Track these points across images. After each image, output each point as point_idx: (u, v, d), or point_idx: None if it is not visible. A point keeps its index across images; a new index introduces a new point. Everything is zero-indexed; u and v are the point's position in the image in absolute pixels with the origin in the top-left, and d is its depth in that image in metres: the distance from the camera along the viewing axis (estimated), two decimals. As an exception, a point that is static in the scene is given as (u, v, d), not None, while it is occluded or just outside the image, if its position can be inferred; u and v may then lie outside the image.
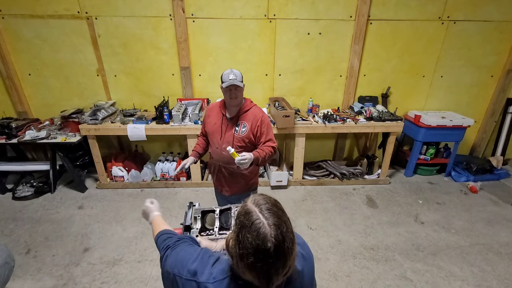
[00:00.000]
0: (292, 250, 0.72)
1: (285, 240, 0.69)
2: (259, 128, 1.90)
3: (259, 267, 0.69)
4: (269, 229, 0.68)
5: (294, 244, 0.73)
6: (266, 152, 1.87)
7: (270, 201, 0.76)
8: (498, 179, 3.78)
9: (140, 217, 2.94)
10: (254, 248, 0.68)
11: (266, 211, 0.72)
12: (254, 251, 0.68)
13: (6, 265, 1.47)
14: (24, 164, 3.45)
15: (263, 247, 0.67)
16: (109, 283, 2.18)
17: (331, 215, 3.01)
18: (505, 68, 3.63)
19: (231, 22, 3.26)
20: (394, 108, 3.63)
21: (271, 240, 0.67)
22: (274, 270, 0.69)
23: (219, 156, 1.96)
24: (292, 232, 0.73)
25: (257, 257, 0.68)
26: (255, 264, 0.68)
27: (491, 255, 2.51)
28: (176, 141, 3.90)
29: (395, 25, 3.37)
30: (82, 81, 3.47)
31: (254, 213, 0.72)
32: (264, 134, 1.91)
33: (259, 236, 0.68)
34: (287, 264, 0.71)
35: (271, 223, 0.69)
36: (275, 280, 0.71)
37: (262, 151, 1.88)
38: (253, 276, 0.71)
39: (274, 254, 0.68)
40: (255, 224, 0.69)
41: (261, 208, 0.73)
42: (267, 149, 1.89)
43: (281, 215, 0.73)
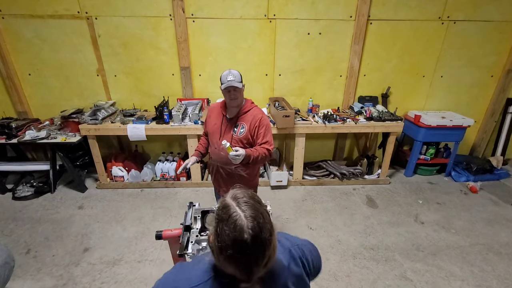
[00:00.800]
0: (270, 241, 0.73)
1: (262, 230, 0.71)
2: (257, 129, 1.89)
3: (238, 259, 0.70)
4: (245, 221, 0.70)
5: (272, 235, 0.74)
6: (259, 153, 1.84)
7: (247, 194, 0.78)
8: (498, 179, 3.78)
9: (140, 217, 2.96)
10: (232, 240, 0.69)
11: (243, 204, 0.74)
12: (232, 243, 0.69)
13: (6, 265, 1.47)
14: (24, 164, 3.45)
15: (240, 239, 0.69)
16: (109, 283, 2.18)
17: (331, 215, 3.01)
18: (505, 68, 3.63)
19: (231, 22, 3.26)
20: (394, 108, 3.63)
21: (248, 231, 0.69)
22: (254, 261, 0.71)
23: (217, 157, 1.96)
24: (269, 223, 0.74)
25: (235, 248, 0.69)
26: (234, 255, 0.70)
27: (491, 255, 2.51)
28: (176, 141, 3.90)
29: (395, 25, 3.37)
30: (82, 81, 3.47)
31: (231, 207, 0.73)
32: (261, 136, 1.89)
33: (236, 228, 0.69)
34: (265, 254, 0.72)
35: (247, 215, 0.71)
36: (256, 271, 0.72)
37: (256, 150, 1.85)
38: (234, 269, 0.72)
39: (252, 245, 0.69)
40: (232, 217, 0.71)
41: (238, 201, 0.75)
42: (261, 150, 1.86)
43: (258, 207, 0.75)
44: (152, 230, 2.72)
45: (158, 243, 2.52)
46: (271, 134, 1.94)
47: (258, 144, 1.90)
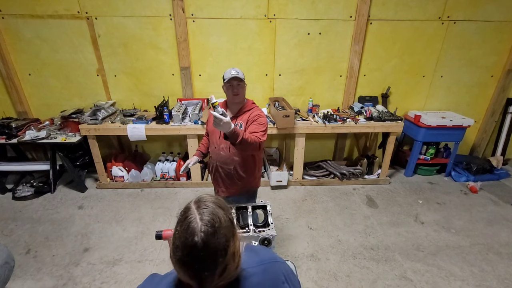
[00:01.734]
0: (226, 247, 0.69)
1: (215, 234, 0.68)
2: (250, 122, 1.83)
3: (188, 263, 0.68)
4: (200, 223, 0.68)
5: (230, 241, 0.71)
6: (248, 136, 1.69)
7: (212, 199, 0.76)
8: (498, 179, 3.78)
9: (140, 217, 2.96)
10: (182, 242, 0.68)
11: (203, 207, 0.72)
12: (182, 245, 0.67)
13: (6, 265, 1.47)
14: (24, 164, 3.45)
15: (191, 240, 0.67)
16: (109, 283, 2.18)
17: (331, 215, 3.01)
18: (505, 68, 3.63)
19: (231, 22, 3.26)
20: (394, 108, 3.63)
21: (200, 234, 0.67)
22: (204, 266, 0.68)
23: (217, 156, 1.95)
24: (228, 229, 0.71)
25: (184, 251, 0.67)
26: (183, 259, 0.68)
27: (491, 255, 2.51)
28: (176, 141, 3.90)
29: (395, 25, 3.37)
30: (82, 81, 3.47)
31: (191, 209, 0.72)
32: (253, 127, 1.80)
33: (188, 230, 0.68)
34: (218, 261, 0.68)
35: (204, 218, 0.69)
36: (208, 279, 0.68)
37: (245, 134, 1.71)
38: (185, 274, 0.69)
39: (202, 249, 0.66)
40: (187, 219, 0.69)
41: (199, 205, 0.73)
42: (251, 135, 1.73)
43: (218, 212, 0.72)
44: (152, 230, 2.72)
45: (158, 243, 2.52)
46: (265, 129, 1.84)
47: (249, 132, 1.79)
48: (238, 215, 1.71)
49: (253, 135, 1.75)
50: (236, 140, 1.64)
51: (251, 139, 1.70)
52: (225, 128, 1.58)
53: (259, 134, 1.78)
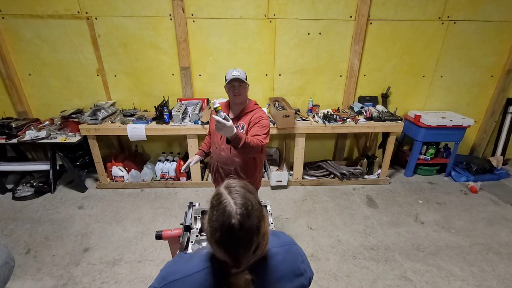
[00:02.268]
0: (259, 227, 0.76)
1: (249, 217, 0.75)
2: (252, 125, 1.84)
3: (226, 242, 0.75)
4: (234, 207, 0.75)
5: (261, 222, 0.78)
6: (251, 140, 1.72)
7: (240, 184, 0.82)
8: (498, 179, 3.78)
9: (140, 217, 2.96)
10: (220, 224, 0.74)
11: (234, 192, 0.78)
12: (220, 227, 0.74)
13: (6, 265, 1.47)
14: (24, 164, 3.45)
15: (228, 223, 0.73)
16: (109, 283, 2.18)
17: (331, 215, 3.01)
18: (505, 68, 3.63)
19: (231, 22, 3.26)
20: (394, 108, 3.63)
21: (236, 216, 0.73)
22: (241, 245, 0.74)
23: (218, 156, 1.95)
24: (258, 211, 0.78)
25: (223, 232, 0.74)
26: (222, 239, 0.74)
27: (491, 255, 2.51)
28: (176, 141, 3.90)
29: (395, 25, 3.37)
30: (82, 81, 3.47)
31: (223, 194, 0.78)
32: (256, 129, 1.81)
33: (224, 213, 0.74)
34: (253, 240, 0.75)
35: (237, 202, 0.76)
36: (244, 256, 0.75)
37: (246, 137, 1.73)
38: (223, 253, 0.76)
39: (239, 229, 0.73)
40: (222, 203, 0.76)
41: (230, 190, 0.80)
42: (253, 139, 1.75)
43: (248, 196, 0.79)
44: (152, 230, 2.72)
45: (158, 243, 2.52)
46: (268, 132, 1.86)
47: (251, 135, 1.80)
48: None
49: (255, 138, 1.77)
50: (238, 144, 1.66)
51: (253, 142, 1.72)
52: (227, 132, 1.61)
53: (261, 137, 1.80)
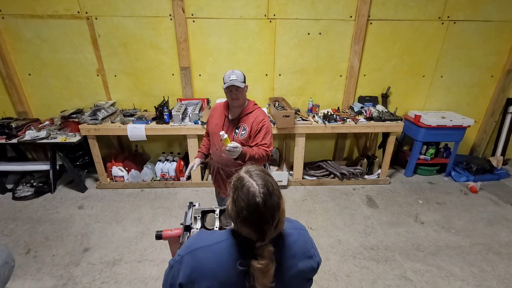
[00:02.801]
0: (279, 204, 0.85)
1: (271, 195, 0.83)
2: (255, 131, 1.87)
3: (253, 219, 0.82)
4: (257, 187, 0.83)
5: (281, 199, 0.86)
6: (256, 152, 1.81)
7: (258, 168, 0.91)
8: (498, 179, 3.78)
9: (140, 217, 2.96)
10: (246, 203, 0.82)
11: (254, 175, 0.87)
12: (246, 206, 0.82)
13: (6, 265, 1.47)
14: (24, 164, 3.45)
15: (254, 201, 0.81)
16: (109, 283, 2.18)
17: (331, 215, 3.01)
18: (505, 68, 3.63)
19: (231, 22, 3.26)
20: (394, 108, 3.63)
21: (260, 195, 0.82)
22: (265, 220, 0.82)
23: (218, 158, 1.95)
24: (277, 190, 0.87)
25: (249, 210, 0.81)
26: (248, 217, 0.82)
27: (491, 255, 2.51)
28: (176, 141, 3.90)
29: (395, 25, 3.37)
30: (82, 81, 3.47)
31: (245, 178, 0.86)
32: (261, 137, 1.87)
33: (249, 194, 0.82)
34: (275, 216, 0.83)
35: (259, 183, 0.84)
36: (268, 231, 0.83)
37: (252, 150, 1.82)
38: (249, 229, 0.84)
39: (263, 206, 0.81)
40: (246, 185, 0.84)
41: (250, 173, 0.88)
42: (259, 151, 1.83)
43: (268, 178, 0.87)
44: (152, 230, 2.72)
45: (158, 243, 2.52)
46: (271, 137, 1.92)
47: (256, 145, 1.87)
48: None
49: (260, 148, 1.84)
50: (244, 158, 1.77)
51: (258, 154, 1.81)
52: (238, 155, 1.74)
53: (266, 146, 1.87)
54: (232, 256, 0.87)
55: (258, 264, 0.81)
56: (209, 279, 0.86)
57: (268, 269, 0.81)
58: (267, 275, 0.82)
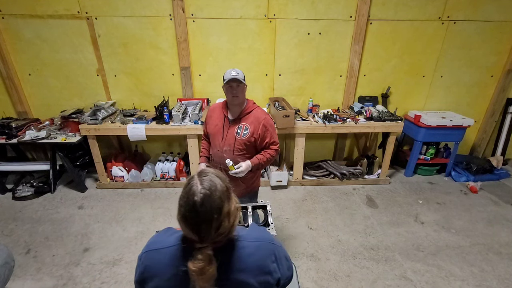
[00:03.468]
0: (221, 207, 0.84)
1: (212, 196, 0.83)
2: (262, 131, 1.87)
3: (189, 218, 0.83)
4: (199, 187, 0.84)
5: (224, 203, 0.86)
6: (267, 157, 1.89)
7: (211, 170, 0.92)
8: (498, 179, 3.78)
9: (140, 217, 2.96)
10: (185, 201, 0.84)
11: (203, 176, 0.88)
12: (185, 204, 0.84)
13: (6, 265, 1.47)
14: (24, 164, 3.45)
15: (192, 200, 0.83)
16: (109, 283, 2.18)
17: (331, 215, 3.01)
18: (505, 68, 3.63)
19: (231, 22, 3.26)
20: (394, 108, 3.63)
21: (199, 195, 0.83)
22: (202, 221, 0.82)
23: (220, 159, 1.93)
24: (224, 193, 0.86)
25: (186, 208, 0.83)
26: (186, 214, 0.83)
27: (491, 255, 2.51)
28: (176, 141, 3.90)
29: (395, 25, 3.37)
30: (82, 81, 3.47)
31: (194, 178, 0.88)
32: (268, 137, 1.91)
33: (189, 192, 0.84)
34: (213, 217, 0.83)
35: (203, 183, 0.85)
36: (206, 233, 0.83)
37: (263, 156, 1.89)
38: (187, 228, 0.85)
39: (200, 206, 0.82)
40: (190, 184, 0.86)
41: (200, 174, 0.89)
42: (269, 153, 1.91)
43: (216, 180, 0.88)
44: (152, 230, 2.72)
45: (158, 243, 2.51)
46: (276, 132, 1.97)
47: (267, 144, 1.92)
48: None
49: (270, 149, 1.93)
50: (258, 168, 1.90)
51: (267, 158, 1.90)
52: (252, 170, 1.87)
53: (274, 144, 1.94)
54: (179, 260, 0.88)
55: (193, 266, 0.81)
56: (157, 280, 0.91)
57: (203, 272, 0.81)
58: (203, 279, 0.81)
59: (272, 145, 1.93)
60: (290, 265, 1.07)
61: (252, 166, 1.84)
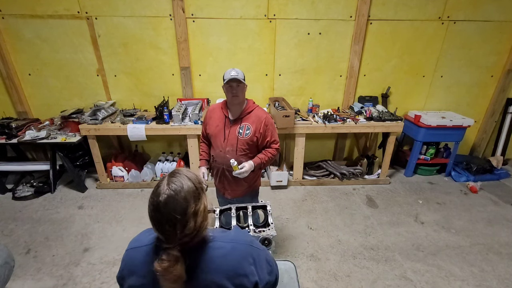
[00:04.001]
0: (185, 209, 0.83)
1: (176, 197, 0.83)
2: (263, 131, 1.89)
3: (154, 217, 0.84)
4: (166, 188, 0.84)
5: (190, 204, 0.84)
6: (268, 157, 1.91)
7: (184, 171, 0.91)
8: (498, 179, 3.78)
9: (140, 217, 2.96)
10: (151, 201, 0.85)
11: (172, 178, 0.87)
12: (150, 203, 0.85)
13: (6, 265, 1.47)
14: (24, 164, 3.45)
15: (156, 199, 0.83)
16: (109, 283, 2.18)
17: (331, 215, 3.01)
18: (505, 68, 3.63)
19: (231, 22, 3.26)
20: (394, 108, 3.63)
21: (163, 195, 0.83)
22: (165, 221, 0.82)
23: (222, 159, 1.93)
24: (189, 193, 0.85)
25: (151, 207, 0.84)
26: (151, 214, 0.85)
27: (491, 255, 2.51)
28: (176, 141, 3.90)
29: (395, 25, 3.37)
30: (82, 81, 3.47)
31: (164, 179, 0.88)
32: (269, 135, 1.92)
33: (155, 192, 0.85)
34: (177, 218, 0.82)
35: (170, 183, 0.85)
36: (171, 233, 0.83)
37: (264, 156, 1.91)
38: (154, 227, 0.86)
39: (163, 206, 0.82)
40: (158, 185, 0.87)
41: (172, 174, 0.89)
42: (270, 153, 1.93)
43: (184, 183, 0.86)
44: (152, 230, 2.71)
45: (158, 243, 2.52)
46: (276, 131, 1.99)
47: (268, 143, 1.93)
48: (238, 215, 1.71)
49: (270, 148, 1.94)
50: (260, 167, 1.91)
51: (269, 157, 1.92)
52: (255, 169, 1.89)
53: (275, 143, 1.96)
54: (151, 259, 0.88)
55: (158, 266, 0.81)
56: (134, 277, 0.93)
57: (168, 273, 0.80)
58: (169, 279, 0.81)
59: (273, 144, 1.95)
60: (273, 269, 1.04)
61: (254, 166, 1.86)
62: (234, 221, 1.66)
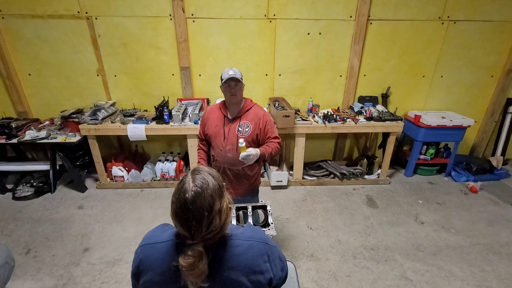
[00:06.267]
0: (212, 205, 0.85)
1: (203, 194, 0.85)
2: (263, 128, 1.91)
3: (180, 214, 0.85)
4: (191, 185, 0.86)
5: (216, 201, 0.87)
6: (272, 148, 1.90)
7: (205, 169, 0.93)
8: (498, 179, 3.78)
9: (140, 217, 2.96)
10: (177, 198, 0.86)
11: (196, 174, 0.89)
12: (177, 200, 0.86)
13: (6, 265, 1.47)
14: (24, 164, 3.44)
15: (182, 196, 0.85)
16: (109, 283, 2.18)
17: (331, 215, 3.01)
18: (505, 68, 3.63)
19: (231, 22, 3.26)
20: (394, 108, 3.63)
21: (190, 192, 0.84)
22: (192, 218, 0.83)
23: (223, 158, 1.94)
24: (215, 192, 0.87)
25: (178, 205, 0.85)
26: (177, 211, 0.85)
27: (491, 255, 2.51)
28: (176, 141, 3.90)
29: (395, 25, 3.37)
30: (82, 81, 3.47)
31: (187, 176, 0.90)
32: (270, 131, 1.94)
33: (181, 189, 0.86)
34: (203, 215, 0.84)
35: (195, 180, 0.87)
36: (196, 229, 0.84)
37: (268, 147, 1.90)
38: (178, 224, 0.87)
39: (191, 203, 0.83)
40: (183, 182, 0.88)
41: (195, 173, 0.90)
42: (274, 145, 1.92)
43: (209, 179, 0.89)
44: (152, 230, 2.71)
45: (158, 243, 2.51)
46: (276, 128, 2.00)
47: (269, 139, 1.94)
48: (238, 215, 1.71)
49: (273, 142, 1.94)
50: (264, 158, 1.87)
51: (274, 150, 1.90)
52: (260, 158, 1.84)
53: (276, 139, 1.96)
54: (170, 255, 0.91)
55: (183, 261, 0.82)
56: (150, 273, 0.93)
57: (193, 268, 0.82)
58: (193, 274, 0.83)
59: (274, 139, 1.95)
60: (284, 266, 1.07)
61: (260, 154, 1.83)
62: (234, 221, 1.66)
